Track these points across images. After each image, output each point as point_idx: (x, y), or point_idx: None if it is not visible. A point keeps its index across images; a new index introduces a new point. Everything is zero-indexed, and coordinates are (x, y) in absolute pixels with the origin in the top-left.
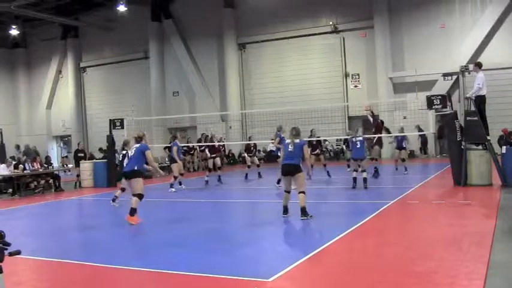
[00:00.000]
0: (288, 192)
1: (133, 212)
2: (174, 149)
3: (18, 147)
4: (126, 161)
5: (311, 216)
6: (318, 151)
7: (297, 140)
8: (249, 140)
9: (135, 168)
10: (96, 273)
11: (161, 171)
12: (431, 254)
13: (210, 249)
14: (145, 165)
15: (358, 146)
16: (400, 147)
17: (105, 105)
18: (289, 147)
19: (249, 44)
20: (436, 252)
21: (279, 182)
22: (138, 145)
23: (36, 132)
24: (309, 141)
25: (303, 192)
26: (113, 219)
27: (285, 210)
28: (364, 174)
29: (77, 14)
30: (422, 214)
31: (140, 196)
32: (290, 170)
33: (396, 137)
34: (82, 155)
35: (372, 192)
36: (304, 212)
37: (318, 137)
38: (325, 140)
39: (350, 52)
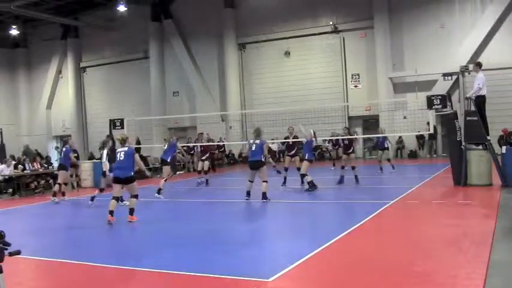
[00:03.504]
0: (251, 182)
1: (132, 211)
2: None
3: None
4: (103, 164)
5: (269, 200)
6: (293, 152)
7: (257, 141)
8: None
9: (131, 174)
10: (96, 273)
11: (148, 172)
12: (431, 254)
13: (210, 249)
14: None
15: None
16: (382, 148)
17: (105, 105)
18: (252, 147)
19: (249, 44)
20: (436, 252)
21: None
22: (125, 148)
23: (36, 132)
24: (285, 142)
25: (266, 182)
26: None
27: (248, 194)
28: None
29: (77, 14)
30: (422, 214)
31: (137, 196)
32: (254, 166)
33: (378, 138)
34: (76, 155)
35: (372, 192)
36: (264, 196)
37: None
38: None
39: (350, 52)
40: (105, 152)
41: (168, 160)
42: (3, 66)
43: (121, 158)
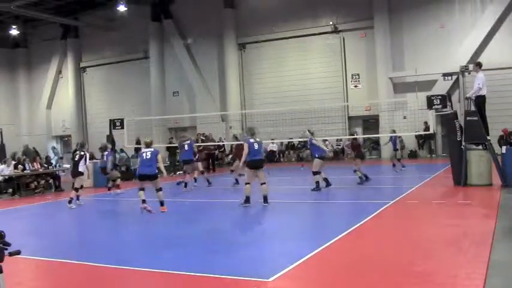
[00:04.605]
0: (250, 184)
1: (163, 203)
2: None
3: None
4: (81, 165)
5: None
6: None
7: (258, 139)
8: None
9: (156, 171)
10: (96, 273)
11: (165, 172)
12: (431, 254)
13: (210, 249)
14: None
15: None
16: (395, 149)
17: (105, 105)
18: (255, 145)
19: (249, 44)
20: (436, 252)
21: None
22: (151, 149)
23: (36, 132)
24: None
25: (265, 183)
26: (113, 219)
27: (249, 200)
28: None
29: (77, 14)
30: (422, 214)
31: (161, 189)
32: (259, 164)
33: (391, 138)
34: None
35: (372, 192)
36: (266, 199)
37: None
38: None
39: (350, 52)
40: (87, 155)
41: (193, 158)
42: (3, 66)
43: (147, 157)
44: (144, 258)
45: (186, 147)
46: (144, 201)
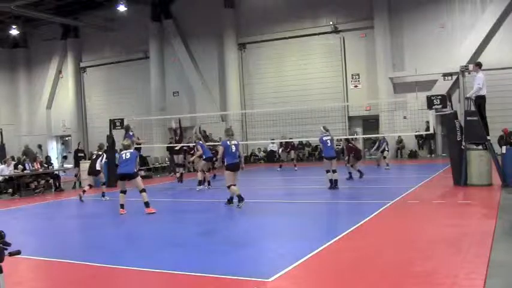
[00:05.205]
0: (235, 185)
1: (148, 204)
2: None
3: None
4: (98, 163)
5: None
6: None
7: (234, 141)
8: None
9: (135, 170)
10: (96, 273)
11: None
12: (431, 254)
13: (210, 249)
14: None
15: (329, 145)
16: (383, 150)
17: (105, 105)
18: (232, 148)
19: (249, 44)
20: (436, 252)
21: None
22: (131, 150)
23: (36, 132)
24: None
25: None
26: (113, 219)
27: (241, 197)
28: (336, 175)
29: (77, 14)
30: (422, 214)
31: (144, 190)
32: (238, 167)
33: (379, 141)
34: (82, 154)
35: (372, 192)
36: (231, 200)
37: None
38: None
39: (350, 52)
40: (104, 155)
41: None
42: (3, 66)
43: (127, 157)
44: (144, 258)
45: (205, 146)
46: (122, 206)
